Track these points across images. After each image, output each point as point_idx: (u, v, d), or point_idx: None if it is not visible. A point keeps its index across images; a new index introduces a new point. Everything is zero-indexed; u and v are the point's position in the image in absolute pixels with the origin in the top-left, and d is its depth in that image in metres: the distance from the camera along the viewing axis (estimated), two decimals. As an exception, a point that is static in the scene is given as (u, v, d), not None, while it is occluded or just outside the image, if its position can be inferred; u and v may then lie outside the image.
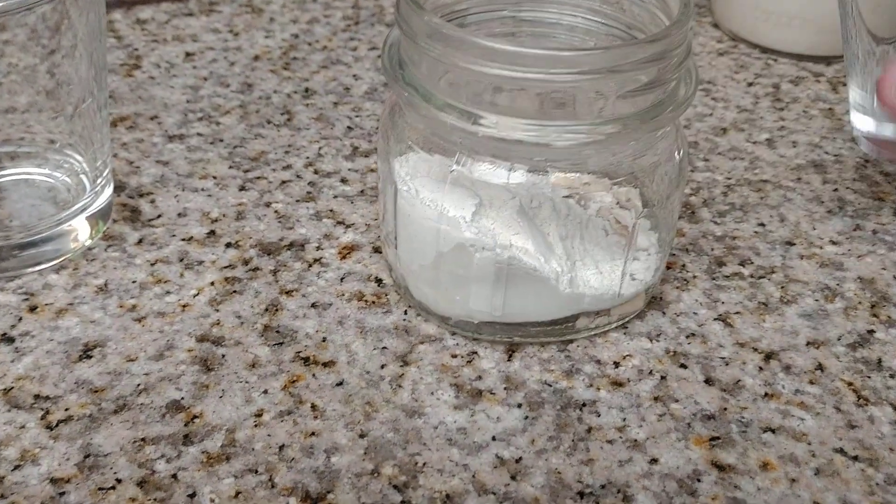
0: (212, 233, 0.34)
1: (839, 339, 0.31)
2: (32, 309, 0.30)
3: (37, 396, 0.27)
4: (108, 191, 0.34)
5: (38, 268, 0.31)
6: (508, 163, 0.27)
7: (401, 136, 0.29)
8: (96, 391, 0.27)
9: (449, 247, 0.28)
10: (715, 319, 0.31)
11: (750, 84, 0.44)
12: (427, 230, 0.28)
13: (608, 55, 0.25)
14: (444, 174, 0.28)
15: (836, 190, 0.37)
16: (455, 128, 0.26)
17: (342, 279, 0.32)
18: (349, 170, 0.37)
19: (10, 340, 0.29)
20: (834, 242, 0.35)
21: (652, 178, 0.29)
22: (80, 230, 0.32)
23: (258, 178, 0.36)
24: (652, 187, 0.29)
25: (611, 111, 0.26)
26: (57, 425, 0.26)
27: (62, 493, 0.25)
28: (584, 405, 0.28)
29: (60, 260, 0.32)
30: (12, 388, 0.27)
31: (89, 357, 0.29)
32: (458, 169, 0.27)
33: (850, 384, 0.29)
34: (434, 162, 0.28)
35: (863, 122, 0.37)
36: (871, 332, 0.31)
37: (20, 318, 0.30)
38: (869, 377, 0.29)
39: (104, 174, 0.33)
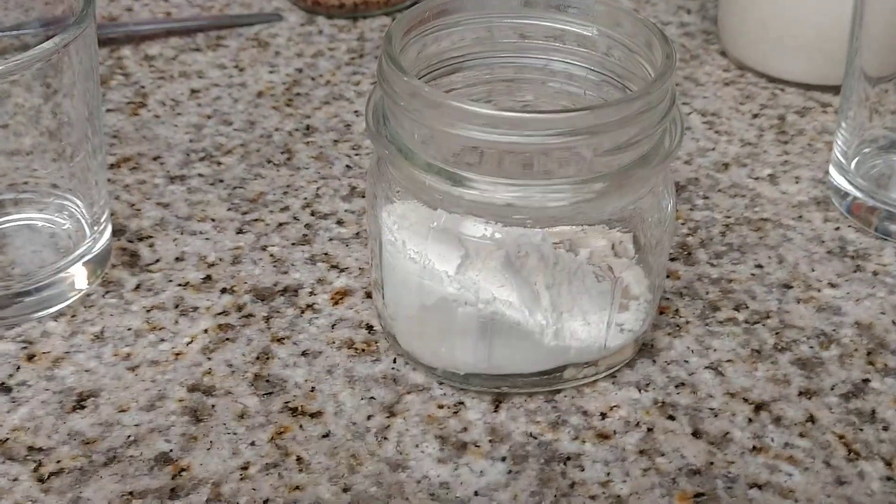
0: (208, 277, 0.34)
1: (832, 389, 0.30)
2: (30, 357, 0.31)
3: (30, 448, 0.28)
4: (107, 235, 0.34)
5: (36, 315, 0.32)
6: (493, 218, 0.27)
7: (388, 185, 0.29)
8: (88, 443, 0.28)
9: (432, 300, 0.28)
10: (706, 368, 0.31)
11: (755, 115, 0.44)
12: (411, 283, 0.28)
13: (588, 116, 0.25)
14: (428, 226, 0.28)
15: (837, 229, 0.37)
16: (436, 188, 0.26)
17: (333, 326, 0.32)
18: (346, 211, 0.37)
19: (8, 390, 0.30)
20: (832, 285, 0.34)
21: (643, 224, 0.29)
22: (79, 276, 0.33)
23: (256, 220, 0.37)
24: (644, 233, 0.29)
25: (595, 169, 0.26)
26: (48, 478, 0.27)
27: (50, 548, 0.25)
28: (568, 458, 0.28)
29: (59, 307, 0.32)
30: (7, 439, 0.28)
31: (83, 407, 0.29)
32: (440, 224, 0.27)
33: (841, 437, 0.29)
34: (420, 213, 0.28)
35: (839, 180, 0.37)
36: (865, 381, 0.30)
37: (18, 368, 0.30)
38: (861, 430, 0.29)
39: (102, 219, 0.34)
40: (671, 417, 0.29)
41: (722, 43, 0.49)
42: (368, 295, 0.33)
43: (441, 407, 0.29)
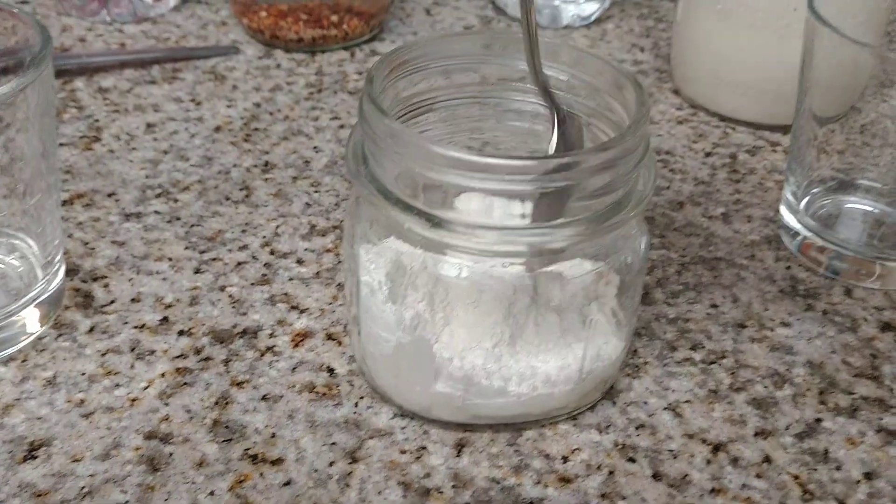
0: (165, 319, 0.34)
1: (787, 429, 0.31)
2: (-21, 405, 0.30)
3: (-21, 501, 0.27)
4: (60, 276, 0.33)
5: (-14, 360, 0.31)
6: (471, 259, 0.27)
7: (366, 225, 0.29)
8: (39, 495, 0.27)
9: (407, 340, 0.28)
10: (665, 409, 0.31)
11: (708, 154, 0.45)
12: (387, 322, 0.28)
13: (564, 162, 0.26)
14: (406, 266, 0.28)
15: (788, 268, 0.38)
16: (415, 229, 0.26)
17: (294, 369, 0.32)
18: (306, 250, 0.37)
19: (-45, 440, 0.29)
20: (785, 324, 0.35)
21: (620, 263, 0.29)
22: (30, 319, 0.32)
23: (214, 259, 0.36)
24: (621, 272, 0.29)
25: (570, 214, 0.26)
26: (-2, 533, 0.26)
27: None
28: (531, 503, 0.28)
29: (9, 352, 0.32)
30: (-46, 492, 0.27)
31: (34, 457, 0.28)
32: (418, 265, 0.27)
33: (796, 477, 0.29)
34: (397, 253, 0.28)
35: (790, 219, 0.38)
36: (818, 420, 0.31)
37: (-34, 416, 0.29)
38: (815, 469, 0.29)
39: (56, 260, 0.33)
40: (632, 460, 0.29)
41: (675, 82, 0.50)
42: (330, 337, 0.33)
43: (403, 452, 0.29)
